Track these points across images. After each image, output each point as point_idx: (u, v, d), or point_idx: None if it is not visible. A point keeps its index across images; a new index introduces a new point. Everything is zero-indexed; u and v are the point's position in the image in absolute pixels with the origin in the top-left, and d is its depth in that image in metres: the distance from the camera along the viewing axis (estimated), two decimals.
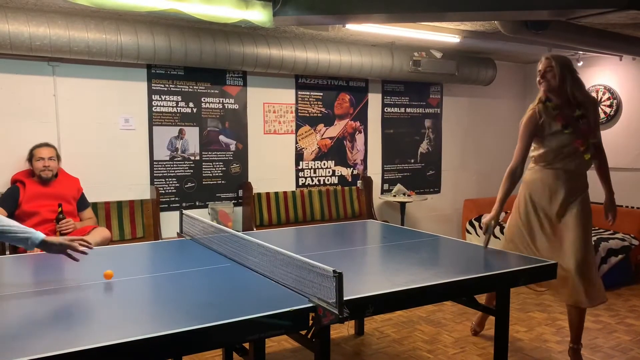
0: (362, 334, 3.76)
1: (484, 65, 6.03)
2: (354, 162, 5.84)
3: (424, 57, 5.52)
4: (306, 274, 2.05)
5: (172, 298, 2.11)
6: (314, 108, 5.54)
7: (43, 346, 1.54)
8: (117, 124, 4.56)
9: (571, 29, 4.02)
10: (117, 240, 4.44)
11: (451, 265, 2.91)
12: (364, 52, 5.22)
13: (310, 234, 3.73)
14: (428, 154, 6.35)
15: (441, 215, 6.44)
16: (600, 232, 5.28)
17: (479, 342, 3.61)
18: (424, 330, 3.86)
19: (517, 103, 6.95)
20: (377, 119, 5.95)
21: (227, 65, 4.69)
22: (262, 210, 5.20)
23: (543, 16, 3.27)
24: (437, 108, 6.36)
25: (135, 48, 4.15)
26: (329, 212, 5.57)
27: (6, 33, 3.68)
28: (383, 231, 3.76)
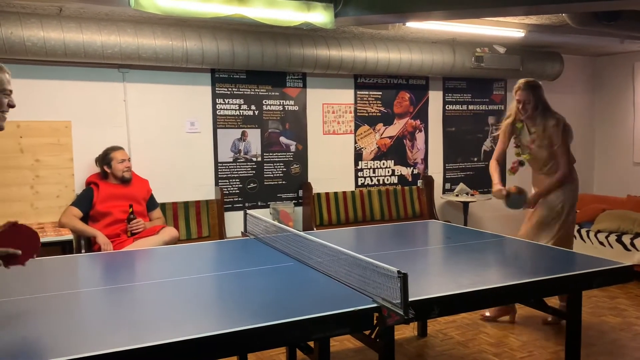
0: (425, 336, 3.71)
1: (550, 60, 5.81)
2: (414, 161, 5.77)
3: (487, 52, 5.39)
4: (370, 274, 2.05)
5: (238, 296, 2.16)
6: (373, 107, 5.52)
7: (114, 341, 1.61)
8: (183, 127, 4.72)
9: None
10: (184, 239, 4.60)
11: (518, 267, 2.82)
12: (425, 49, 5.15)
13: (371, 234, 3.72)
14: (492, 152, 6.17)
15: (506, 215, 6.24)
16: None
17: (548, 346, 3.49)
18: (489, 332, 3.76)
19: (586, 97, 6.65)
20: (438, 117, 5.85)
21: (287, 68, 4.75)
22: (322, 210, 5.24)
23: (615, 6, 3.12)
24: (500, 104, 6.19)
25: (200, 53, 4.28)
26: (389, 212, 5.53)
27: (81, 43, 3.89)
28: (446, 231, 3.69)
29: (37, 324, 1.82)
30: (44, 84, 4.21)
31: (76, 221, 3.90)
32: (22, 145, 4.14)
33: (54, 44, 3.82)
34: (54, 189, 4.24)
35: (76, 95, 4.32)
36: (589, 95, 6.66)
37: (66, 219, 3.91)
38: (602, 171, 6.69)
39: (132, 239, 3.93)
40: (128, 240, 3.92)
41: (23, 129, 4.13)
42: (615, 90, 6.45)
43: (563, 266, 2.63)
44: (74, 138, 4.30)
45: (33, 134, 4.17)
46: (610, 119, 6.54)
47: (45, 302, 2.06)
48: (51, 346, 1.61)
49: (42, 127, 4.20)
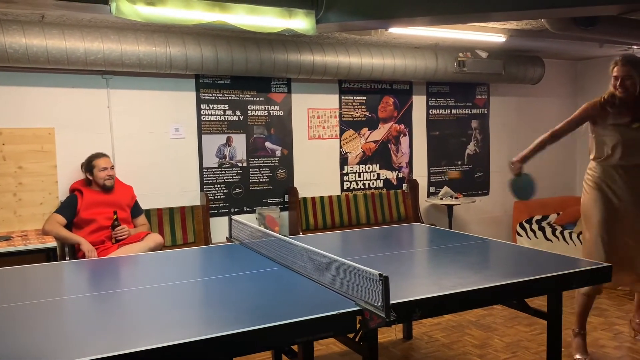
0: (410, 338, 3.74)
1: (532, 64, 5.90)
2: (399, 165, 5.82)
3: (469, 57, 5.45)
4: (353, 277, 2.07)
5: (222, 301, 2.17)
6: (358, 112, 5.56)
7: (100, 347, 1.62)
8: (168, 133, 4.71)
9: (622, 23, 3.89)
10: (169, 245, 4.58)
11: (501, 268, 2.87)
12: (408, 54, 5.20)
13: (356, 238, 3.74)
14: (475, 156, 6.26)
15: (490, 218, 6.33)
16: None
17: (531, 347, 3.53)
18: (473, 334, 3.80)
19: (567, 101, 6.75)
20: (422, 121, 5.91)
21: (271, 73, 4.78)
22: (307, 215, 5.25)
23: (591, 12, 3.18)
24: (483, 108, 6.26)
25: (183, 59, 4.28)
26: (375, 216, 5.57)
27: (63, 49, 3.88)
28: (430, 234, 3.73)
29: (22, 331, 1.81)
30: (26, 91, 4.18)
31: (60, 228, 3.88)
32: (5, 152, 4.11)
33: (36, 51, 3.80)
34: (38, 196, 4.22)
35: (60, 102, 4.30)
36: (570, 98, 6.76)
37: (50, 226, 3.88)
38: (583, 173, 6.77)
39: (116, 245, 3.92)
40: (113, 247, 3.91)
41: (5, 136, 4.10)
42: (596, 94, 6.50)
43: (543, 267, 2.67)
44: (57, 145, 4.28)
45: (16, 141, 4.14)
46: None
47: (30, 309, 2.06)
48: (36, 353, 1.61)
49: (25, 134, 4.17)
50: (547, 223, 5.79)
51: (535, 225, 5.80)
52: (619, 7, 3.09)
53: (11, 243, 3.64)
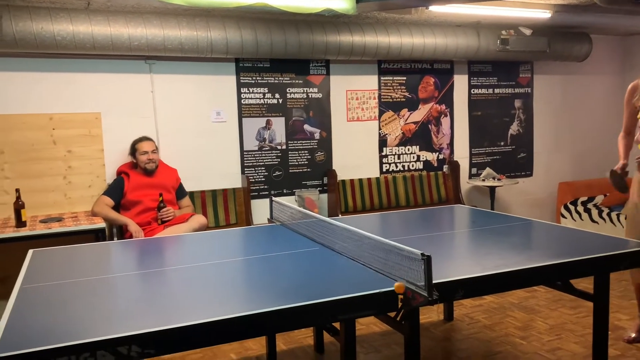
0: (451, 320, 3.73)
1: (578, 40, 5.69)
2: (440, 146, 5.75)
3: (512, 35, 5.30)
4: (394, 257, 2.08)
5: (265, 279, 2.22)
6: (397, 93, 5.51)
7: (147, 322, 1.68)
8: (210, 117, 4.79)
9: None
10: (212, 226, 4.68)
11: (545, 249, 2.81)
12: (449, 33, 5.10)
13: (396, 220, 3.74)
14: (519, 136, 6.11)
15: (534, 200, 6.19)
16: None
17: (576, 330, 3.47)
18: (516, 316, 3.76)
19: (616, 79, 6.50)
20: (463, 101, 5.80)
21: (310, 55, 4.77)
22: (346, 197, 5.27)
23: None
24: (527, 87, 6.10)
25: (224, 43, 4.33)
26: (414, 198, 5.53)
27: (108, 35, 3.98)
28: (472, 216, 3.69)
29: (73, 306, 1.90)
30: (74, 77, 4.32)
31: (108, 210, 4.02)
32: (55, 137, 4.26)
33: (82, 37, 3.91)
34: (86, 179, 4.37)
35: (105, 87, 4.42)
36: (619, 75, 6.51)
37: (98, 208, 4.03)
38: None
39: (162, 226, 4.03)
40: (159, 228, 4.02)
41: (55, 121, 4.25)
42: None
43: (589, 248, 2.60)
44: (104, 129, 4.41)
45: (65, 126, 4.29)
46: None
47: (80, 286, 2.15)
48: (87, 327, 1.69)
49: (73, 119, 4.31)
50: (593, 205, 5.63)
51: (581, 207, 5.65)
52: None
53: (63, 224, 3.80)
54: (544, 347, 3.24)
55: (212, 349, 3.29)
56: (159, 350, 1.61)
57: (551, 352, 3.17)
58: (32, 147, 4.20)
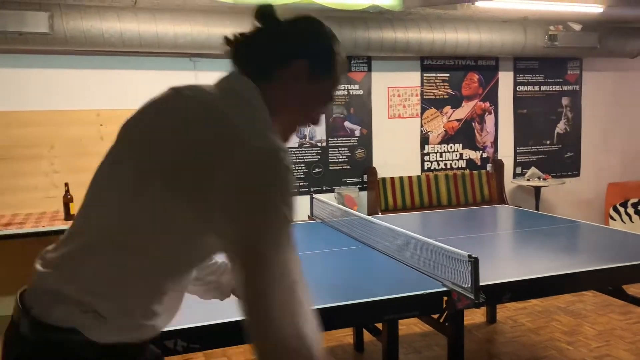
0: (494, 322, 3.65)
1: (631, 36, 5.46)
2: (484, 144, 5.63)
3: (561, 30, 5.14)
4: (439, 258, 2.04)
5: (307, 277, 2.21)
6: (440, 90, 5.42)
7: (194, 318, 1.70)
8: None
9: None
10: None
11: (594, 252, 2.72)
12: (494, 29, 4.98)
13: (438, 219, 3.68)
14: (566, 135, 5.93)
15: (581, 201, 5.99)
16: None
17: (626, 336, 3.34)
18: (562, 320, 3.65)
19: None
20: (508, 98, 5.66)
21: (352, 52, 4.74)
22: (387, 195, 5.22)
23: None
24: (575, 85, 5.90)
25: None
26: (457, 197, 5.44)
27: (155, 33, 4.05)
28: (516, 217, 3.60)
29: None
30: (120, 74, 4.41)
31: None
32: (102, 132, 4.37)
33: (130, 35, 3.99)
34: None
35: (150, 84, 4.49)
36: None
37: None
38: None
39: None
40: None
41: (102, 117, 4.36)
42: None
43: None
44: None
45: (112, 122, 4.39)
46: None
47: None
48: None
49: (120, 116, 4.32)
50: None
51: (631, 208, 5.44)
52: None
53: None
54: (592, 354, 3.13)
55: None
56: (204, 345, 1.63)
57: (599, 359, 3.07)
58: (81, 142, 4.32)
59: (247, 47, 1.10)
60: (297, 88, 1.06)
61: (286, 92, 1.06)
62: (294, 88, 1.06)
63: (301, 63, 1.05)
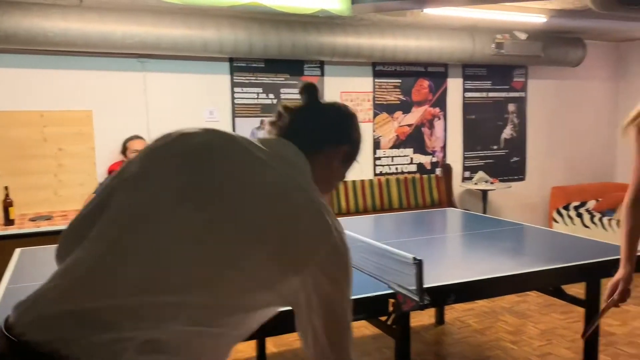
0: (442, 323, 3.72)
1: (573, 46, 5.70)
2: (433, 149, 5.74)
3: (508, 39, 5.31)
4: (386, 261, 2.06)
5: None
6: (392, 95, 5.50)
7: None
8: (202, 116, 4.76)
9: None
10: None
11: (537, 254, 2.81)
12: (444, 36, 5.10)
13: (389, 222, 3.73)
14: (512, 140, 6.12)
15: (526, 204, 6.20)
16: None
17: (567, 335, 3.47)
18: (507, 321, 3.75)
19: (609, 84, 6.53)
20: (457, 104, 5.80)
21: (305, 56, 4.76)
22: (339, 199, 5.25)
23: None
24: (521, 92, 6.11)
25: (218, 42, 4.30)
26: (407, 201, 5.52)
27: (101, 33, 3.94)
28: (464, 219, 3.68)
29: None
30: (66, 74, 4.27)
31: None
32: (46, 134, 4.22)
33: (75, 35, 3.87)
34: (77, 177, 4.33)
35: (97, 85, 4.38)
36: (612, 82, 6.53)
37: None
38: (624, 158, 6.56)
39: None
40: None
41: (46, 118, 4.21)
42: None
43: (581, 254, 2.60)
44: (95, 127, 4.37)
45: (56, 123, 4.25)
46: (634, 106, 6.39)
47: None
48: None
49: (64, 117, 4.27)
50: (585, 209, 5.65)
51: (573, 211, 5.67)
52: None
53: (52, 222, 3.76)
54: (535, 352, 3.24)
55: None
56: None
57: (542, 357, 3.17)
58: (23, 144, 4.15)
59: (300, 121, 1.24)
60: (335, 165, 1.25)
61: (326, 167, 1.23)
62: (333, 165, 1.25)
63: (346, 148, 1.26)
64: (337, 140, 1.25)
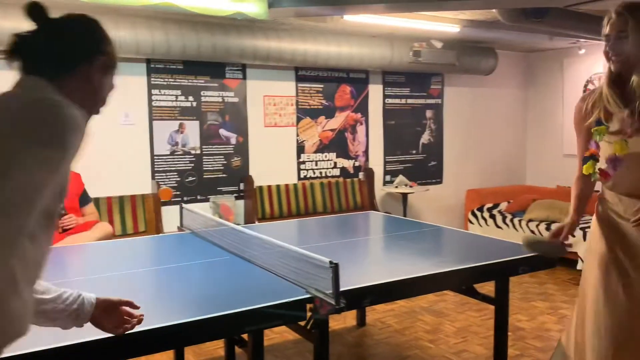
0: (364, 325, 3.77)
1: (485, 55, 6.00)
2: (356, 153, 5.84)
3: (424, 47, 5.50)
4: (304, 265, 2.06)
5: (173, 290, 2.13)
6: (315, 100, 5.53)
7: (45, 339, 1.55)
8: (117, 120, 4.57)
9: (570, 16, 3.99)
10: (119, 234, 4.46)
11: (451, 255, 2.92)
12: (364, 43, 5.20)
13: (312, 226, 3.74)
14: (430, 145, 6.34)
15: (443, 206, 6.44)
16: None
17: (481, 332, 3.62)
18: (426, 320, 3.86)
19: (519, 92, 6.92)
20: (378, 110, 5.94)
21: (225, 58, 4.69)
22: (263, 203, 5.21)
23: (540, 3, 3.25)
24: (438, 98, 6.34)
25: (134, 43, 4.15)
26: (331, 205, 5.58)
27: None
28: (384, 222, 3.76)
29: None
30: None
31: None
32: None
33: None
34: None
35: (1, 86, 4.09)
36: (522, 89, 6.93)
37: None
38: (533, 162, 6.99)
39: (63, 235, 3.77)
40: (59, 237, 3.76)
41: None
42: (546, 85, 6.75)
43: (492, 254, 2.72)
44: None
45: None
46: (542, 112, 6.83)
47: None
48: None
49: None
50: (497, 211, 5.94)
51: (487, 213, 5.94)
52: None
53: None
54: (451, 350, 3.35)
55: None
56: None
57: (457, 355, 3.29)
58: None
59: (38, 48, 1.17)
60: (97, 80, 1.25)
61: (88, 85, 1.22)
62: (94, 81, 1.24)
63: (101, 60, 1.22)
64: (87, 57, 1.20)
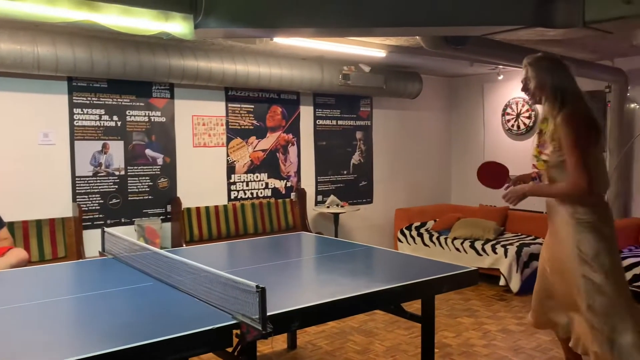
0: (294, 348, 3.73)
1: (411, 79, 6.21)
2: (288, 174, 5.84)
3: (353, 71, 5.62)
4: (230, 290, 2.02)
5: (93, 320, 2.02)
6: (245, 120, 5.51)
7: None
8: (36, 139, 4.34)
9: (489, 44, 4.21)
10: (36, 260, 4.20)
11: (379, 275, 2.96)
12: (294, 65, 5.25)
13: (242, 248, 3.68)
14: (360, 165, 6.45)
15: (374, 225, 6.55)
16: (523, 238, 5.53)
17: (409, 350, 3.68)
18: (356, 340, 3.88)
19: (443, 115, 7.21)
20: (309, 131, 5.98)
21: (152, 78, 4.58)
22: (192, 226, 5.09)
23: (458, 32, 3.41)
24: (367, 120, 6.48)
25: (53, 60, 3.97)
26: (263, 226, 5.53)
27: None
28: (316, 243, 3.76)
29: None
30: None
31: None
32: None
33: None
34: None
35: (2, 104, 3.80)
36: (446, 113, 7.22)
37: None
38: (457, 182, 7.27)
39: None
40: None
41: None
42: (468, 108, 7.07)
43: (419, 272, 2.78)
44: None
45: None
46: (465, 135, 7.14)
47: None
48: None
49: None
50: (425, 229, 6.10)
51: (415, 231, 6.09)
52: (482, 29, 3.34)
53: None
54: None
55: None
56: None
57: None
58: None
59: None
60: None
61: None
62: None
63: None
64: None
